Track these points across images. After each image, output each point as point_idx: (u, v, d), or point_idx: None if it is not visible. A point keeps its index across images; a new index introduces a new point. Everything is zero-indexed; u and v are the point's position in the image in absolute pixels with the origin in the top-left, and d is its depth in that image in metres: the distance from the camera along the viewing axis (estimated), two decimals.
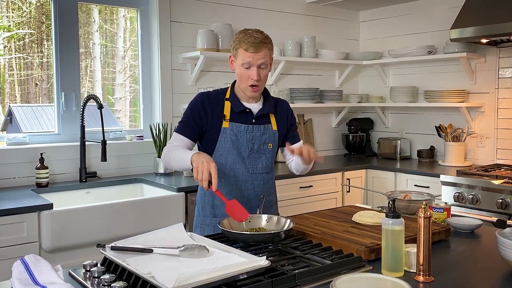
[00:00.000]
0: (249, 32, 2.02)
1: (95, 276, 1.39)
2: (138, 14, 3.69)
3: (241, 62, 2.03)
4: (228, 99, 2.12)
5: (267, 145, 2.13)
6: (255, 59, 2.00)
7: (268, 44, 2.04)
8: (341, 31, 4.72)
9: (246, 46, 1.99)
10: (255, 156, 2.12)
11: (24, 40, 3.37)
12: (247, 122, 2.10)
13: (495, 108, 3.84)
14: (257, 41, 1.99)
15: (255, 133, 2.10)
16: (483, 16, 3.39)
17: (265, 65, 2.03)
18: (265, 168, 2.15)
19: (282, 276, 1.35)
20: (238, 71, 2.06)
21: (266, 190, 2.18)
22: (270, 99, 2.19)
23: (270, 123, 2.15)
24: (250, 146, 2.10)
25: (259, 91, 2.09)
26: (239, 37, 2.03)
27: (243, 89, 2.09)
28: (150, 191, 3.25)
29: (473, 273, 1.52)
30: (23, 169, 3.09)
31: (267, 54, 2.03)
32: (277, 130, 2.17)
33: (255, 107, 2.13)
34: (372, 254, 1.58)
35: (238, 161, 2.09)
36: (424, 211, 1.42)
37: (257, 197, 2.13)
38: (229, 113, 2.09)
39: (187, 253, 1.46)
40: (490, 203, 3.11)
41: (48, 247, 2.53)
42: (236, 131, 2.08)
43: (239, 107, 2.10)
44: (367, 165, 4.03)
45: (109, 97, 3.83)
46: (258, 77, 2.02)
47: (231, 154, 2.08)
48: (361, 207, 2.26)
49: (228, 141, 2.08)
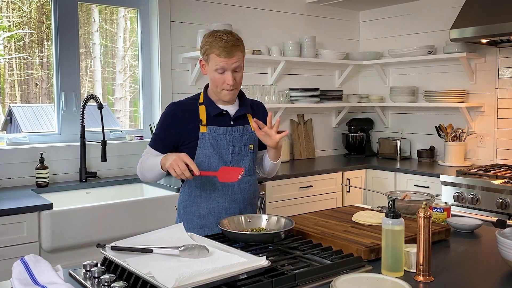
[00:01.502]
0: (218, 35, 1.94)
1: (95, 276, 1.39)
2: (138, 14, 3.69)
3: (214, 68, 1.96)
4: (202, 104, 2.05)
5: (248, 146, 2.07)
6: (229, 63, 1.94)
7: (240, 46, 1.97)
8: (341, 31, 4.72)
9: (218, 52, 1.92)
10: (238, 158, 2.05)
11: (24, 40, 3.37)
12: (225, 124, 2.03)
13: (495, 108, 3.84)
14: (228, 44, 1.92)
15: (235, 134, 2.04)
16: (483, 16, 3.39)
17: (239, 68, 1.98)
18: (248, 170, 2.08)
19: (282, 276, 1.35)
20: (211, 76, 1.99)
21: (252, 192, 2.13)
22: (245, 99, 2.14)
23: (249, 124, 2.09)
24: (231, 149, 2.03)
25: (235, 94, 2.04)
26: (209, 41, 1.95)
27: (218, 94, 2.02)
28: (150, 191, 3.25)
29: (473, 273, 1.52)
30: (23, 169, 3.09)
31: (240, 56, 1.97)
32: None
33: (231, 109, 2.07)
34: (372, 254, 1.58)
35: (220, 165, 1.99)
36: (424, 211, 1.42)
37: (245, 200, 2.08)
38: (205, 117, 2.02)
39: (187, 253, 1.46)
40: (490, 203, 3.11)
41: (48, 247, 2.53)
42: (215, 134, 2.01)
43: (215, 110, 2.03)
44: (367, 165, 4.03)
45: (109, 97, 3.83)
46: (234, 81, 1.96)
47: (213, 158, 2.01)
48: (361, 207, 2.26)
49: (208, 146, 2.00)
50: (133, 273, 1.32)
